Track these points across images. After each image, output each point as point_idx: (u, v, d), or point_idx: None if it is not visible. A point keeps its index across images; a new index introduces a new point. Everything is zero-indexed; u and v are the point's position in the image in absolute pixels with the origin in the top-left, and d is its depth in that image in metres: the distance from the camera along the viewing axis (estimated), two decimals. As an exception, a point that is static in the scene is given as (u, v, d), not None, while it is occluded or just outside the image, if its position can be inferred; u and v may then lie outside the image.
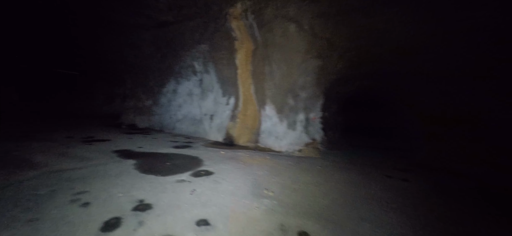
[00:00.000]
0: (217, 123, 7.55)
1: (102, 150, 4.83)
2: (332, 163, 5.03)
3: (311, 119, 6.40)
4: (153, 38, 9.86)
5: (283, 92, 6.28)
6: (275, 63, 6.35)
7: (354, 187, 3.52)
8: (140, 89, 10.52)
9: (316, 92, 6.44)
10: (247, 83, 7.18)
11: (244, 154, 5.45)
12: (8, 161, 3.68)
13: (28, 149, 4.44)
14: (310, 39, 5.90)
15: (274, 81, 6.43)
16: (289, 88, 6.17)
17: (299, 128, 6.21)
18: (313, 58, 6.05)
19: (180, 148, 5.66)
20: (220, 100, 7.67)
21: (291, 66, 6.10)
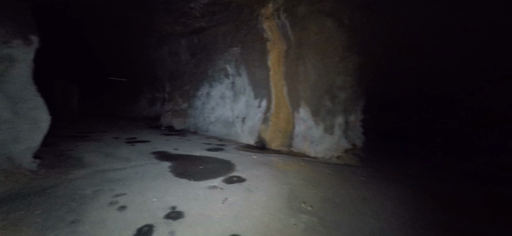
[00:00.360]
0: (249, 126, 7.40)
1: (142, 151, 5.05)
2: (378, 173, 4.39)
3: (351, 122, 5.78)
4: (188, 44, 10.29)
5: (319, 93, 5.80)
6: (310, 63, 5.91)
7: (413, 207, 2.92)
8: (177, 93, 11.06)
9: (356, 93, 5.80)
10: (279, 85, 6.87)
11: (277, 159, 5.15)
12: (64, 160, 4.04)
13: (82, 149, 4.88)
14: (350, 34, 5.32)
15: (308, 82, 5.99)
16: (326, 88, 5.67)
17: (337, 132, 5.65)
18: (354, 55, 5.45)
19: (213, 151, 5.63)
20: (252, 102, 7.51)
21: (329, 65, 5.59)
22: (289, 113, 6.67)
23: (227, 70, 8.60)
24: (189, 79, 10.51)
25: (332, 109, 5.66)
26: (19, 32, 3.19)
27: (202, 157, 4.93)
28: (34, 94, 3.59)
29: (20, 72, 3.34)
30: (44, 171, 3.38)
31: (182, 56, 10.76)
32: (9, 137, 3.01)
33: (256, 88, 7.48)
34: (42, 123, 3.60)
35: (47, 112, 3.81)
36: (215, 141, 7.22)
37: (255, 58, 7.45)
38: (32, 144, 3.32)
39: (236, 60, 8.17)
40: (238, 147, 6.56)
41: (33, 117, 3.45)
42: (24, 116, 3.30)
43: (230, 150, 5.98)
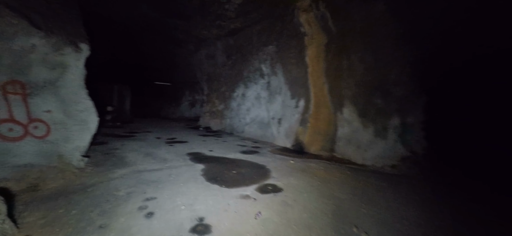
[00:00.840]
0: (285, 127, 6.91)
1: (179, 152, 5.08)
2: (452, 189, 3.42)
3: (410, 124, 4.77)
4: (224, 47, 10.36)
5: (367, 91, 4.97)
6: (356, 56, 5.12)
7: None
8: (214, 94, 11.26)
9: (416, 88, 4.77)
10: (319, 83, 6.21)
11: (317, 165, 4.55)
12: (109, 158, 4.26)
13: (126, 148, 5.15)
14: (407, 17, 4.38)
15: (354, 78, 5.20)
16: (376, 84, 4.81)
17: (391, 136, 4.73)
18: (412, 42, 4.47)
19: (247, 154, 5.34)
20: (289, 102, 7.00)
21: (380, 56, 4.73)
22: (330, 114, 5.95)
23: (262, 69, 8.28)
24: (225, 81, 10.57)
25: (385, 109, 4.77)
26: (70, 40, 3.43)
27: (235, 160, 4.68)
28: (84, 97, 3.84)
29: (72, 77, 3.59)
30: (90, 169, 3.57)
31: (218, 59, 10.91)
32: (61, 137, 3.23)
33: (293, 87, 6.95)
34: (91, 124, 3.83)
35: (96, 114, 4.06)
36: (250, 143, 6.96)
37: (291, 55, 6.93)
38: (81, 143, 3.54)
39: (271, 59, 7.78)
40: (273, 150, 6.15)
41: (83, 118, 3.67)
42: (75, 118, 3.53)
43: (265, 153, 5.61)
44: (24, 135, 2.77)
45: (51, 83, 3.29)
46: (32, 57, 2.91)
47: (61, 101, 3.37)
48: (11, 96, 2.70)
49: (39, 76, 3.10)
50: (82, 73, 3.94)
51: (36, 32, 2.75)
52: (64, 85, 3.46)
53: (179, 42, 11.07)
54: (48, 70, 3.22)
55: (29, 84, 2.96)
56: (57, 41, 3.14)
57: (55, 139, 3.16)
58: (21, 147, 2.72)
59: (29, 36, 2.71)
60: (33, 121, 2.91)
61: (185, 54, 12.28)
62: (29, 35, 2.70)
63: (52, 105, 3.22)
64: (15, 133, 2.69)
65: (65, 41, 3.31)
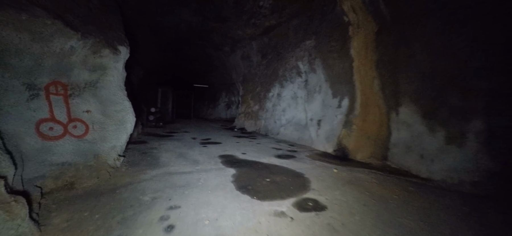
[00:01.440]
0: (326, 130, 6.12)
1: (211, 154, 4.86)
2: None
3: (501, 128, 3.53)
4: (259, 46, 10.03)
5: (436, 85, 3.89)
6: (419, 42, 4.09)
7: None
8: (249, 95, 11.03)
9: (511, 81, 3.51)
10: (368, 78, 5.27)
11: (367, 177, 3.73)
12: (145, 158, 4.27)
13: (162, 148, 5.19)
14: (502, -15, 3.23)
15: (416, 70, 4.16)
16: (450, 76, 3.72)
17: (472, 143, 3.57)
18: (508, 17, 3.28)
19: (283, 158, 4.81)
20: (330, 102, 6.19)
21: (455, 39, 3.63)
22: (382, 114, 4.97)
23: (299, 67, 7.62)
24: (260, 81, 10.22)
25: (463, 108, 3.64)
26: (108, 43, 3.49)
27: (269, 165, 4.19)
28: (122, 98, 3.90)
29: (111, 78, 3.66)
30: (125, 168, 3.56)
31: (253, 59, 10.64)
32: (98, 137, 3.28)
33: (334, 84, 6.12)
34: (128, 124, 3.86)
35: (133, 115, 4.10)
36: (285, 146, 6.39)
37: (333, 48, 6.12)
38: (117, 143, 3.57)
39: (309, 55, 7.07)
40: (312, 155, 5.46)
41: (120, 119, 3.72)
42: (112, 118, 3.58)
43: (303, 158, 4.98)
44: (63, 134, 2.84)
45: (92, 84, 3.37)
46: (72, 59, 2.99)
47: (100, 101, 3.44)
48: (53, 97, 2.78)
49: (80, 78, 3.18)
50: (121, 74, 4.01)
51: (73, 34, 2.79)
52: (103, 86, 3.53)
53: (216, 45, 11.22)
54: (88, 72, 3.31)
55: (71, 85, 3.05)
56: (94, 43, 3.19)
57: (93, 138, 3.21)
58: (60, 146, 2.79)
59: (67, 38, 2.76)
60: (73, 121, 2.98)
61: (222, 56, 12.41)
62: (67, 37, 2.75)
63: (91, 106, 3.28)
64: (55, 132, 2.77)
65: (103, 43, 3.36)
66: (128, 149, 4.83)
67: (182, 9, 8.36)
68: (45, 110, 2.69)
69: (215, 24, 9.34)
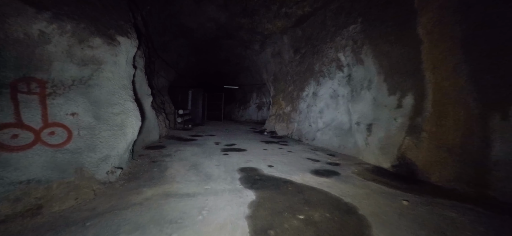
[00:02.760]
0: (380, 137, 4.55)
1: (231, 166, 3.88)
2: None
3: None
4: (291, 40, 8.77)
5: None
6: None
7: None
8: (280, 95, 9.85)
9: None
10: (446, 65, 3.60)
11: (466, 220, 2.21)
12: (150, 170, 3.53)
13: (177, 156, 4.44)
14: None
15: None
16: None
17: None
18: None
19: (322, 176, 3.52)
20: (384, 100, 4.61)
21: None
22: (471, 117, 3.26)
23: (340, 59, 6.14)
24: (293, 79, 8.95)
25: None
26: (100, 31, 2.81)
27: (304, 188, 2.98)
28: (124, 98, 3.21)
29: (108, 75, 3.00)
30: (120, 184, 2.82)
31: (285, 55, 9.42)
32: (85, 145, 2.59)
33: (391, 77, 4.52)
34: (128, 129, 3.15)
35: (138, 118, 3.40)
36: (324, 156, 5.03)
37: (388, 30, 4.54)
38: (112, 152, 2.86)
39: (354, 43, 5.56)
40: (361, 170, 4.01)
41: (118, 123, 3.02)
42: (108, 122, 2.89)
43: (349, 176, 3.61)
44: (32, 143, 2.20)
45: (82, 81, 2.72)
46: (49, 49, 2.35)
47: (92, 102, 2.78)
48: (22, 96, 2.16)
49: (65, 74, 2.55)
50: (124, 71, 3.34)
51: (35, 14, 2.12)
52: (98, 84, 2.87)
53: (245, 43, 10.38)
54: (76, 66, 2.66)
55: (52, 83, 2.42)
56: (77, 29, 2.51)
57: (76, 148, 2.53)
58: (25, 158, 2.15)
59: (28, 19, 2.11)
60: (50, 126, 2.33)
61: (251, 55, 11.53)
62: (28, 18, 2.10)
63: (79, 107, 2.63)
64: (21, 141, 2.14)
65: (92, 31, 2.68)
66: (141, 156, 4.21)
67: (207, 6, 7.72)
68: (8, 113, 2.07)
69: (243, 20, 8.48)
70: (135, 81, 4.70)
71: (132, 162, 3.61)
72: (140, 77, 4.90)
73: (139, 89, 4.88)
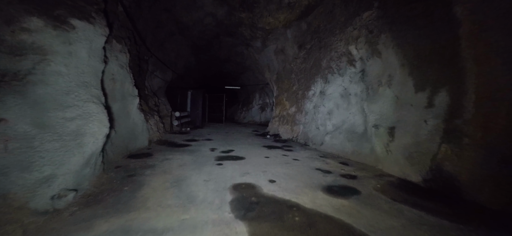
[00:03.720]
0: (405, 143, 3.69)
1: (222, 182, 3.11)
2: None
3: None
4: (295, 35, 7.96)
5: None
6: None
7: None
8: (284, 95, 9.05)
9: None
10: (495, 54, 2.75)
11: None
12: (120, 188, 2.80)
13: (160, 168, 3.70)
14: None
15: None
16: None
17: None
18: None
19: (338, 196, 2.71)
20: (410, 98, 3.75)
21: None
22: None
23: (352, 53, 5.31)
24: (297, 78, 8.13)
25: None
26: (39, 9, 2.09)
27: (315, 217, 2.18)
28: (85, 99, 2.49)
29: (60, 69, 2.28)
30: (68, 213, 2.08)
31: (289, 52, 8.62)
32: (12, 163, 1.87)
33: (419, 69, 3.66)
34: (88, 138, 2.42)
35: (104, 123, 2.67)
36: (335, 165, 4.20)
37: (415, 12, 3.70)
38: (57, 170, 2.14)
39: (369, 32, 4.72)
40: (385, 185, 3.17)
41: (72, 130, 2.30)
42: (56, 130, 2.17)
43: (372, 194, 2.78)
44: None
45: (17, 77, 2.01)
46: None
47: (33, 104, 2.06)
48: None
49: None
50: (85, 64, 2.62)
51: None
52: (43, 81, 2.16)
53: (246, 40, 9.63)
54: (7, 56, 1.95)
55: (-37, 77, 1.71)
56: None
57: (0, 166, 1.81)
58: None
59: None
60: (-47, 140, 1.62)
61: (253, 53, 10.76)
62: None
63: (10, 111, 1.91)
64: None
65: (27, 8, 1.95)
66: (117, 168, 3.49)
67: None
68: None
69: (242, 14, 7.73)
70: (115, 79, 4.00)
71: (99, 178, 2.88)
72: (121, 75, 4.19)
73: (120, 89, 4.18)
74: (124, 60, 4.32)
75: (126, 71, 4.41)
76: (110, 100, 3.85)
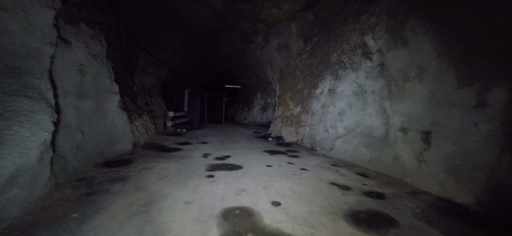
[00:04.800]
0: (446, 152, 2.85)
1: (209, 206, 2.31)
2: None
3: None
4: (300, 28, 7.14)
5: None
6: None
7: None
8: (287, 94, 8.23)
9: None
10: None
11: None
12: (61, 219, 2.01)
13: (135, 180, 2.92)
14: None
15: None
16: None
17: None
18: None
19: (368, 228, 1.90)
20: (451, 95, 2.91)
21: None
22: None
23: (368, 44, 4.49)
24: (302, 75, 7.32)
25: None
26: None
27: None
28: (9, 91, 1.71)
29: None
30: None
31: (293, 47, 7.80)
32: None
33: (463, 59, 2.82)
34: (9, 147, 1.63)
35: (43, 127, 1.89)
36: (351, 176, 3.38)
37: (458, -13, 2.86)
38: None
39: (390, 18, 3.90)
40: (425, 209, 2.34)
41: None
42: None
43: (415, 226, 1.95)
44: None
45: None
46: None
47: None
48: None
49: None
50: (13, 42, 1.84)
51: None
52: None
53: (247, 35, 8.82)
54: None
55: None
56: None
57: None
58: None
59: None
60: None
61: (254, 50, 9.96)
62: None
63: None
64: None
65: None
66: (80, 180, 2.70)
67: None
68: None
69: (242, 5, 6.93)
70: (84, 71, 3.22)
71: (44, 199, 2.09)
72: (93, 66, 3.41)
73: (92, 83, 3.40)
74: (98, 49, 3.54)
75: (101, 63, 3.63)
76: (76, 96, 3.08)
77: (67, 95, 2.94)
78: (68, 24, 2.90)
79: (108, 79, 3.87)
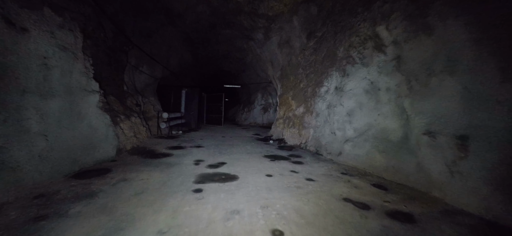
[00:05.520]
0: (489, 161, 2.28)
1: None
2: None
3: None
4: (303, 21, 6.58)
5: None
6: None
7: None
8: (289, 94, 7.67)
9: None
10: None
11: None
12: None
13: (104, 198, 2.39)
14: None
15: None
16: None
17: None
18: None
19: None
20: (493, 91, 2.33)
21: None
22: None
23: (380, 35, 3.93)
24: (306, 73, 6.76)
25: None
26: None
27: None
28: None
29: None
30: None
31: (295, 43, 7.25)
32: None
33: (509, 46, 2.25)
34: None
35: None
36: (368, 189, 2.81)
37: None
38: None
39: (410, 2, 3.33)
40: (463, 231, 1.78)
41: None
42: None
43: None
44: None
45: None
46: None
47: None
48: None
49: None
50: None
51: None
52: None
53: (246, 31, 8.29)
54: None
55: None
56: None
57: None
58: None
59: None
60: None
61: (254, 47, 9.43)
62: None
63: None
64: None
65: None
66: (38, 198, 2.18)
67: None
68: None
69: None
70: (49, 66, 2.70)
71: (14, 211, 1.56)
72: (62, 60, 2.89)
73: (61, 80, 2.88)
74: (69, 41, 3.02)
75: (73, 56, 3.10)
76: (38, 95, 2.56)
77: (25, 94, 2.42)
78: (24, 7, 2.37)
79: (84, 76, 3.34)
